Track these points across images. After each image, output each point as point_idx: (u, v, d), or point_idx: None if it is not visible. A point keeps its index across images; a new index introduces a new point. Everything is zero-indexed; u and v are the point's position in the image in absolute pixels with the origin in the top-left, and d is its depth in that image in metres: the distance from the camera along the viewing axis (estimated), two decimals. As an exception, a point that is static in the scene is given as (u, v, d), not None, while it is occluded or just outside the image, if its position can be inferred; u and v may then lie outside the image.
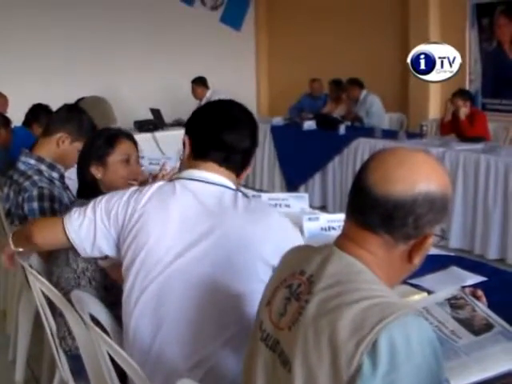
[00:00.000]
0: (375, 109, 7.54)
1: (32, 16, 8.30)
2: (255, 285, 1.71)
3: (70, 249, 2.08)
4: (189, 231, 1.81)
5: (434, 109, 7.61)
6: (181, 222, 1.82)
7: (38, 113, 4.90)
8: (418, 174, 1.26)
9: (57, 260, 2.34)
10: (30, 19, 8.30)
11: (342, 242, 1.31)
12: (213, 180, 1.88)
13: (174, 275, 1.79)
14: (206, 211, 1.82)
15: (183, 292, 1.78)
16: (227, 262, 1.77)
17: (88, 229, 1.94)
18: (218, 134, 1.89)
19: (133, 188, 1.97)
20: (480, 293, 1.64)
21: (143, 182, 3.06)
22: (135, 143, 2.65)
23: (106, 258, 2.06)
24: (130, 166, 2.56)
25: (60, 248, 2.17)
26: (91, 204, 1.96)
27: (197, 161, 1.92)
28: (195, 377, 1.68)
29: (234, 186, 1.91)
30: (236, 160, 1.91)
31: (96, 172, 2.51)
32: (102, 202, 1.94)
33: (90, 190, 2.49)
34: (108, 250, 1.96)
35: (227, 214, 1.82)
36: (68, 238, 1.97)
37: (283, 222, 1.90)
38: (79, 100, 4.35)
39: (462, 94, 6.24)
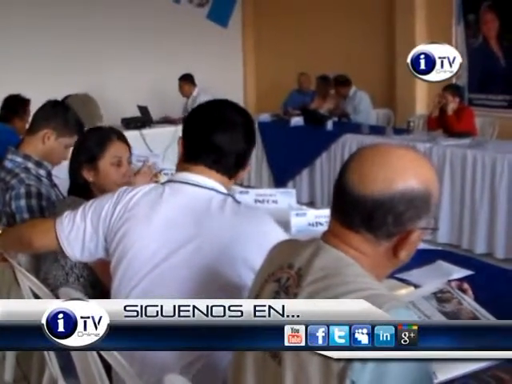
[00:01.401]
0: (363, 106, 7.53)
1: (17, 14, 8.25)
2: (238, 287, 1.71)
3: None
4: (174, 236, 1.81)
5: (421, 105, 7.63)
6: (167, 226, 1.82)
7: (14, 105, 4.83)
8: (394, 171, 1.24)
9: (45, 256, 2.33)
10: (15, 17, 8.25)
11: (328, 237, 1.32)
12: (203, 183, 1.86)
13: (159, 278, 1.80)
14: (192, 216, 1.82)
15: (167, 296, 1.77)
16: (210, 267, 1.77)
17: (77, 235, 1.93)
18: (208, 137, 1.87)
19: (121, 188, 1.95)
20: (466, 286, 1.65)
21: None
22: (127, 143, 2.62)
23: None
24: (121, 168, 2.54)
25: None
26: (81, 209, 1.95)
27: (188, 163, 1.90)
28: (188, 374, 1.66)
29: (224, 190, 1.89)
30: (228, 162, 1.89)
31: (88, 176, 2.50)
32: (91, 207, 1.93)
33: (81, 190, 2.49)
34: (97, 254, 1.96)
35: (213, 218, 1.81)
36: (60, 245, 1.96)
37: (273, 227, 1.86)
38: (65, 98, 4.33)
39: (452, 88, 6.23)
